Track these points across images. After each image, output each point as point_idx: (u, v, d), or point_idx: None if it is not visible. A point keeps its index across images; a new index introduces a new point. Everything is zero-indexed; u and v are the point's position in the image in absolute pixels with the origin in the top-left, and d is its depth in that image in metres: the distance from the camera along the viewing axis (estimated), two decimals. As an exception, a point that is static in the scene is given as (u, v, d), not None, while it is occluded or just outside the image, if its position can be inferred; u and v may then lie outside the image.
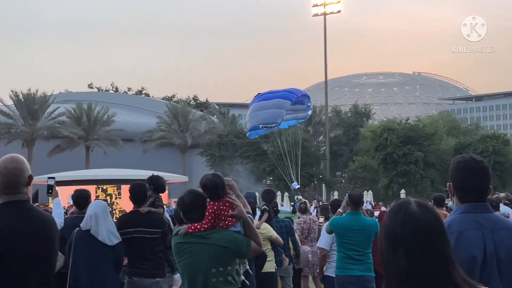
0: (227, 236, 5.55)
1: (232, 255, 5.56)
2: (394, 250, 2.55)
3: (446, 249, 2.56)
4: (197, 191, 5.76)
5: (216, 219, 5.59)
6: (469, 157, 3.94)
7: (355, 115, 77.65)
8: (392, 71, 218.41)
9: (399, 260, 2.52)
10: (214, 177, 5.78)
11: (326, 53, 67.07)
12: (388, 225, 2.61)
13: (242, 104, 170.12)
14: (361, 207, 9.11)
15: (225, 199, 5.66)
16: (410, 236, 2.53)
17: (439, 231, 2.57)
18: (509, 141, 64.22)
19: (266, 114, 22.61)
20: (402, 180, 56.24)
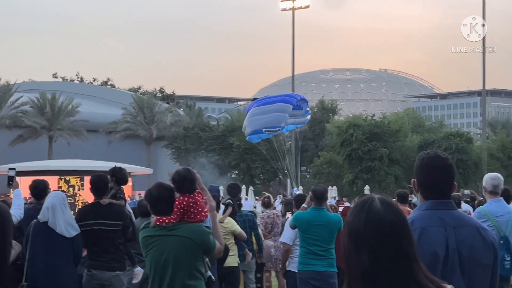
0: (194, 228, 5.56)
1: (199, 248, 5.54)
2: (356, 248, 2.48)
3: (409, 247, 2.50)
4: (165, 184, 5.78)
5: (185, 214, 5.58)
6: (434, 154, 3.89)
7: (321, 111, 77.87)
8: (359, 68, 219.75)
9: (362, 258, 2.46)
10: (184, 170, 5.82)
11: (294, 48, 67.08)
12: (351, 223, 2.54)
13: (209, 97, 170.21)
14: (325, 202, 9.07)
15: (194, 195, 5.66)
16: (373, 235, 2.46)
17: (403, 230, 2.51)
18: (472, 139, 64.94)
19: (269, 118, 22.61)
20: (367, 176, 56.59)
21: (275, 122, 22.71)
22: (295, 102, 23.91)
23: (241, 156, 59.31)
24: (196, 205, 5.66)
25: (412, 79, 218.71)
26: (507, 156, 60.08)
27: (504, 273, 7.63)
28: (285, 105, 23.22)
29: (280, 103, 23.76)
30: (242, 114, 74.74)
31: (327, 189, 9.32)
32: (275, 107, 23.40)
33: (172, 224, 5.52)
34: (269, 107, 23.56)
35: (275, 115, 22.81)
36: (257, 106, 24.40)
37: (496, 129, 78.16)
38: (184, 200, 5.62)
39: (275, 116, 22.77)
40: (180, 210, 5.56)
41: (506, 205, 8.38)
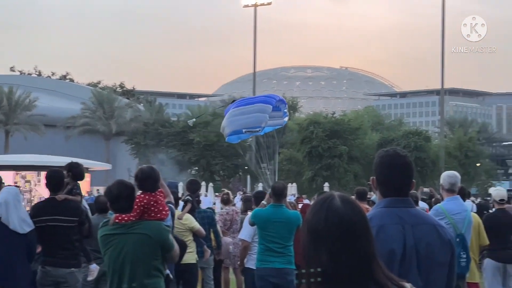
0: (153, 225, 5.54)
1: (158, 246, 5.51)
2: (316, 246, 2.44)
3: (369, 245, 2.46)
4: (125, 181, 5.75)
5: (145, 212, 5.58)
6: (393, 151, 3.87)
7: (282, 108, 77.98)
8: (320, 65, 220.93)
9: (321, 257, 2.41)
10: (148, 168, 5.87)
11: (256, 45, 67.11)
12: (310, 221, 2.48)
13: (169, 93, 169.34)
14: (284, 199, 9.04)
15: (156, 194, 5.67)
16: (333, 233, 2.42)
17: (363, 228, 2.47)
18: (430, 138, 65.79)
19: (250, 118, 22.49)
20: (326, 173, 56.92)
21: (256, 123, 22.65)
22: (275, 103, 23.93)
23: (201, 153, 59.16)
24: (157, 204, 5.66)
25: (372, 77, 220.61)
26: (464, 155, 61.01)
27: (460, 270, 7.67)
28: (265, 105, 23.18)
29: (260, 103, 23.75)
30: (203, 110, 74.60)
31: (286, 186, 9.29)
32: (255, 108, 23.35)
33: (131, 222, 5.49)
34: (249, 108, 23.49)
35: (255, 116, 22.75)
36: (236, 107, 24.34)
37: (454, 128, 79.26)
38: (145, 198, 5.61)
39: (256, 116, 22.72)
40: (140, 208, 5.54)
41: (463, 203, 8.45)
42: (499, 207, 10.61)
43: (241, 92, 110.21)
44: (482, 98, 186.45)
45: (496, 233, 10.14)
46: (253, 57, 67.23)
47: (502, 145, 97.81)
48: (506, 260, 10.23)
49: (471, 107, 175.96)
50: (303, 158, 58.74)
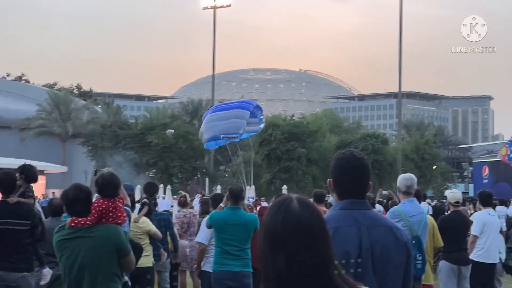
0: (110, 228, 5.49)
1: (114, 249, 5.45)
2: (273, 249, 2.39)
3: (326, 248, 2.42)
4: (82, 185, 5.67)
5: (103, 217, 5.54)
6: (350, 153, 3.87)
7: (241, 110, 77.95)
8: (279, 68, 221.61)
9: (278, 261, 2.37)
10: (109, 175, 5.84)
11: (215, 47, 67.03)
12: (268, 224, 2.43)
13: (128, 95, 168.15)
14: (242, 202, 9.00)
15: (115, 200, 5.66)
16: (291, 236, 2.37)
17: (321, 230, 2.43)
18: (387, 141, 66.41)
19: (228, 124, 22.37)
20: (285, 176, 57.04)
21: (233, 129, 22.57)
22: (252, 109, 23.81)
23: (159, 155, 58.81)
24: (116, 210, 5.65)
25: (331, 80, 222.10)
26: (421, 158, 61.74)
27: (416, 272, 7.72)
28: (243, 111, 23.14)
29: (238, 109, 23.65)
30: (161, 112, 74.18)
31: (243, 189, 9.24)
32: (233, 114, 23.25)
33: (88, 226, 5.43)
34: (227, 113, 23.39)
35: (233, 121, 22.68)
36: (214, 112, 24.16)
37: (411, 131, 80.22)
38: (104, 203, 5.59)
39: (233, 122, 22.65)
40: (98, 213, 5.50)
41: (419, 205, 8.51)
42: (454, 209, 10.73)
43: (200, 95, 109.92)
44: (438, 102, 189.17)
45: (451, 235, 10.24)
46: (212, 59, 67.17)
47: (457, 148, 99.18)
48: (460, 262, 10.35)
49: (428, 111, 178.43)
50: (262, 161, 58.77)
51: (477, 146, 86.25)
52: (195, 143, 62.32)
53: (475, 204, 16.42)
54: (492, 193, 11.82)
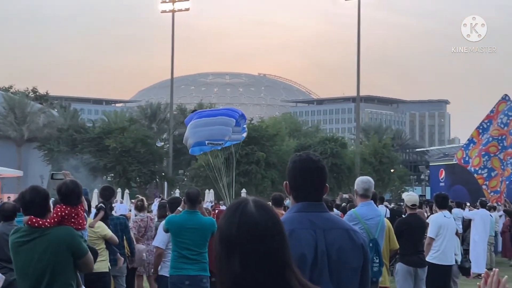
0: (66, 230, 5.46)
1: (70, 250, 5.40)
2: (228, 254, 2.32)
3: (283, 252, 2.36)
4: (39, 188, 5.64)
5: (63, 222, 5.54)
6: (306, 155, 3.85)
7: (200, 114, 77.78)
8: (238, 72, 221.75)
9: (233, 265, 2.30)
10: (72, 184, 5.83)
11: (174, 51, 66.82)
12: (223, 227, 2.37)
13: (85, 99, 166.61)
14: (199, 205, 8.92)
15: (77, 207, 5.72)
16: (246, 239, 2.31)
17: (277, 233, 2.36)
18: (346, 144, 66.85)
19: (213, 131, 22.18)
20: (244, 179, 56.99)
21: (219, 135, 22.42)
22: (237, 117, 23.73)
23: (117, 159, 58.29)
24: (77, 217, 5.70)
25: (290, 84, 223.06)
26: (379, 161, 62.24)
27: (373, 275, 7.74)
28: (228, 118, 23.01)
29: (223, 116, 23.53)
30: (119, 116, 73.59)
31: (200, 192, 9.17)
32: (219, 120, 23.11)
33: (44, 228, 5.39)
34: (212, 120, 23.24)
35: (218, 128, 22.54)
36: (199, 118, 23.98)
37: (369, 134, 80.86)
38: (67, 209, 5.61)
39: (219, 129, 22.50)
40: (59, 217, 5.50)
41: (376, 208, 8.53)
42: (411, 212, 10.81)
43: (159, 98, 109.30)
44: (396, 106, 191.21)
45: (407, 238, 10.32)
46: (171, 63, 66.92)
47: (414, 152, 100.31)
48: (417, 264, 10.42)
49: (385, 114, 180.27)
50: (221, 164, 58.58)
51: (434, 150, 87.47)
52: (154, 147, 61.95)
53: (432, 207, 16.60)
54: (448, 195, 11.95)
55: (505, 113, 20.77)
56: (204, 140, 22.60)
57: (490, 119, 21.06)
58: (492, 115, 21.06)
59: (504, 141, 20.39)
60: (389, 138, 72.82)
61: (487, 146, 20.41)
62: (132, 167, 58.54)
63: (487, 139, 20.57)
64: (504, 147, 20.34)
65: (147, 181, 62.34)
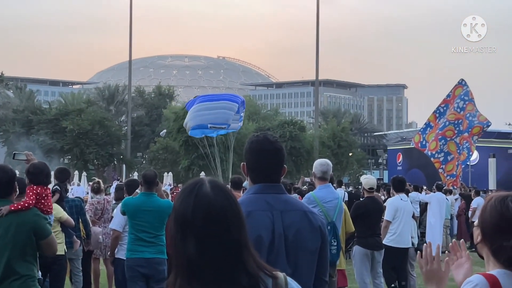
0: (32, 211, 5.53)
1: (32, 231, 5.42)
2: (183, 236, 2.26)
3: (240, 234, 2.30)
4: (7, 167, 5.60)
5: (38, 202, 5.73)
6: (263, 136, 3.81)
7: (158, 96, 77.44)
8: (197, 54, 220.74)
9: (189, 247, 2.24)
10: (40, 164, 6.12)
11: (131, 32, 66.08)
12: (178, 208, 2.30)
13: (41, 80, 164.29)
14: (157, 187, 8.82)
15: (48, 190, 5.99)
16: (202, 221, 2.24)
17: (234, 215, 2.30)
18: (305, 128, 67.09)
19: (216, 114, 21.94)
20: (203, 162, 56.83)
21: (222, 119, 22.22)
22: (239, 103, 23.46)
23: (74, 141, 57.70)
24: (47, 199, 5.92)
25: (249, 67, 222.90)
26: (337, 145, 62.60)
27: (331, 258, 7.75)
28: (231, 103, 22.85)
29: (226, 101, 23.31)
30: (76, 97, 72.71)
31: (157, 174, 9.06)
32: (222, 105, 22.91)
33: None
34: (215, 104, 23.01)
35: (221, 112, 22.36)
36: (201, 102, 23.64)
37: (328, 118, 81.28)
38: (38, 188, 5.81)
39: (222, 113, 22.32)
40: (35, 195, 5.68)
41: (334, 190, 8.54)
42: (368, 195, 10.87)
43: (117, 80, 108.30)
44: (354, 90, 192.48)
45: (364, 221, 10.38)
46: (129, 44, 66.17)
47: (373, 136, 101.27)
48: (374, 247, 10.50)
49: (344, 98, 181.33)
50: (180, 147, 58.39)
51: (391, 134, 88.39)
52: (112, 129, 61.39)
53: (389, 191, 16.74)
54: (405, 179, 12.04)
55: (462, 97, 20.99)
56: (207, 124, 22.45)
57: (446, 103, 21.27)
58: (448, 99, 21.27)
59: (461, 125, 20.62)
60: (347, 122, 73.29)
61: (443, 130, 20.61)
62: (90, 149, 58.03)
63: (443, 123, 20.78)
64: (460, 131, 20.58)
65: (105, 164, 61.86)
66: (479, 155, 45.19)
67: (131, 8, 65.33)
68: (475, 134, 21.03)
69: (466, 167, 23.09)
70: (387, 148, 73.80)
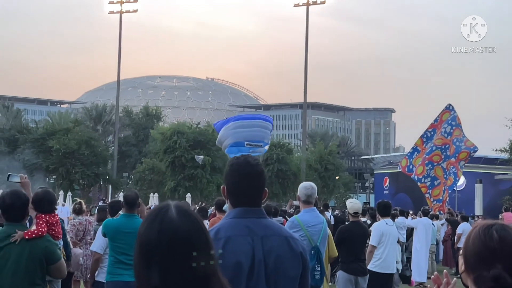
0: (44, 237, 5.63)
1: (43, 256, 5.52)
2: (147, 263, 2.15)
3: (208, 261, 2.19)
4: (20, 192, 5.73)
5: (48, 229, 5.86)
6: (244, 159, 3.75)
7: (146, 117, 77.37)
8: (186, 75, 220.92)
9: (153, 275, 2.13)
10: (42, 192, 6.27)
11: (120, 52, 66.09)
12: (142, 235, 2.19)
13: (29, 99, 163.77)
14: (138, 209, 8.68)
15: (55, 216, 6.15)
16: (167, 248, 2.14)
17: (201, 241, 2.20)
18: (292, 150, 67.10)
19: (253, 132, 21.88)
20: (189, 183, 56.72)
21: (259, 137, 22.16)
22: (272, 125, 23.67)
23: (60, 161, 57.42)
24: (56, 225, 6.12)
25: (238, 89, 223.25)
26: (324, 168, 62.58)
27: (315, 283, 7.64)
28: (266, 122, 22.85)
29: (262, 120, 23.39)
30: (63, 117, 72.40)
31: (138, 195, 8.92)
32: (258, 123, 22.91)
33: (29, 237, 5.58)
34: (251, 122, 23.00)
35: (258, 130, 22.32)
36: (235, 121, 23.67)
37: (316, 141, 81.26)
38: (47, 216, 6.01)
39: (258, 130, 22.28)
40: (46, 223, 5.85)
41: (319, 215, 8.41)
42: (353, 220, 10.75)
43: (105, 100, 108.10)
44: (342, 113, 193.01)
45: (349, 246, 10.25)
46: (118, 64, 66.14)
47: (360, 159, 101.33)
48: (357, 272, 10.36)
49: (332, 121, 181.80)
50: (166, 168, 58.25)
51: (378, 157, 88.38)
52: (98, 149, 61.15)
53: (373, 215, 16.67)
54: (390, 203, 11.94)
55: (449, 122, 21.02)
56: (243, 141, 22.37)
57: (434, 128, 21.29)
58: (436, 124, 21.29)
59: (447, 150, 20.62)
60: (334, 145, 73.28)
61: (430, 155, 20.60)
62: (76, 169, 57.78)
63: (430, 148, 20.78)
64: (447, 156, 20.57)
65: (91, 184, 61.57)
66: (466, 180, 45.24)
67: (120, 28, 65.44)
68: (462, 159, 21.04)
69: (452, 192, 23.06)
70: (374, 172, 73.74)
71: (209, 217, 15.13)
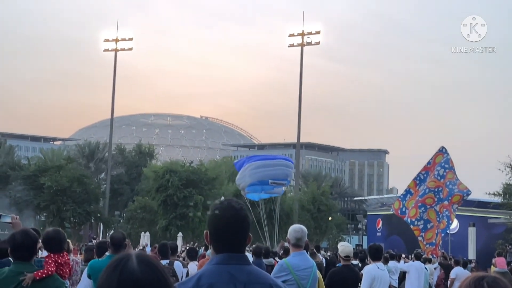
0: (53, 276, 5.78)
1: None
2: None
3: None
4: (31, 232, 5.74)
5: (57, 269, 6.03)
6: (227, 203, 3.63)
7: (138, 155, 77.23)
8: (180, 114, 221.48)
9: None
10: (53, 232, 6.42)
11: (115, 90, 66.28)
12: (102, 285, 2.11)
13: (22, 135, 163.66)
14: (125, 250, 8.50)
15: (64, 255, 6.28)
16: None
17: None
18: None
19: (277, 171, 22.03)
20: (181, 223, 56.39)
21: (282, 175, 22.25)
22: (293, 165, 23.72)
23: (52, 198, 57.10)
24: (65, 265, 6.30)
25: (231, 128, 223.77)
26: (317, 208, 62.34)
27: (303, 328, 7.44)
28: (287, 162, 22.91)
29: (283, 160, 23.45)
30: (56, 154, 72.22)
31: (125, 236, 8.76)
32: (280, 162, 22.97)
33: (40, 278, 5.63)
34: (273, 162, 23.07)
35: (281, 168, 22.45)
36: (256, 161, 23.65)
37: (309, 181, 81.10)
38: (56, 256, 6.18)
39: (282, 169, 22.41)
40: (55, 264, 5.99)
41: (309, 258, 8.26)
42: (344, 263, 10.59)
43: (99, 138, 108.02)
44: (336, 153, 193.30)
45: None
46: (112, 102, 66.27)
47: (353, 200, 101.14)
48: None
49: (325, 162, 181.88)
50: (158, 207, 57.97)
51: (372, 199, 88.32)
52: (90, 186, 60.87)
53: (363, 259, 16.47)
54: (382, 247, 11.79)
55: (442, 165, 20.95)
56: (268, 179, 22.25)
57: (427, 170, 21.21)
58: (429, 166, 21.22)
59: (441, 193, 20.51)
60: (327, 185, 73.16)
61: (423, 197, 20.49)
62: (67, 206, 57.43)
63: (424, 190, 20.67)
64: (440, 199, 20.46)
65: (82, 222, 61.12)
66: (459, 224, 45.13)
67: (115, 66, 65.71)
68: (455, 203, 20.92)
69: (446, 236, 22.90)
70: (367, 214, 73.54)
71: (198, 257, 14.93)
